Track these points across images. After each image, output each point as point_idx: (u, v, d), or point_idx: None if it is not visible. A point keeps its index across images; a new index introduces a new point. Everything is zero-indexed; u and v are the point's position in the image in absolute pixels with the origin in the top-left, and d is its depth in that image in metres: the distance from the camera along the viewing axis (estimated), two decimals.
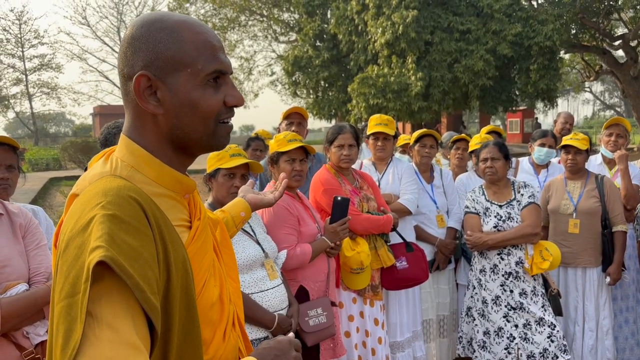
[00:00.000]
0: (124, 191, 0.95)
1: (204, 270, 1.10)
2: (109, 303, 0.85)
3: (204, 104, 1.04)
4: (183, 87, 1.03)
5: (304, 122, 4.02)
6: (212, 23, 27.99)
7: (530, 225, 3.45)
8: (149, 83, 1.02)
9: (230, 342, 1.16)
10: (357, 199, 3.29)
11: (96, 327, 0.83)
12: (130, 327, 0.85)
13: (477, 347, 3.58)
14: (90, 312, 0.84)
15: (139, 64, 1.02)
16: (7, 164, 2.22)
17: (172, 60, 1.02)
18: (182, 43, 1.03)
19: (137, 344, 0.85)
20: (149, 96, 1.03)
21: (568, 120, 5.34)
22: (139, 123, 1.07)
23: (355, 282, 3.19)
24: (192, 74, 1.03)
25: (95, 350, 0.81)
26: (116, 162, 1.06)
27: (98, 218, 0.90)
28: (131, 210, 0.93)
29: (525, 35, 18.36)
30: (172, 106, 1.03)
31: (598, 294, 3.72)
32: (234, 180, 2.48)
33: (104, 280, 0.86)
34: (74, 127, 57.65)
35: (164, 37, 1.02)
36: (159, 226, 0.97)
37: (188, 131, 1.06)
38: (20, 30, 42.25)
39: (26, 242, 2.01)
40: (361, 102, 19.06)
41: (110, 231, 0.88)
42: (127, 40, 1.04)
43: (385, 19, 18.91)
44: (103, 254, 0.84)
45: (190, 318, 1.00)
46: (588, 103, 65.90)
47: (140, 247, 0.90)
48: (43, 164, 23.04)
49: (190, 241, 1.08)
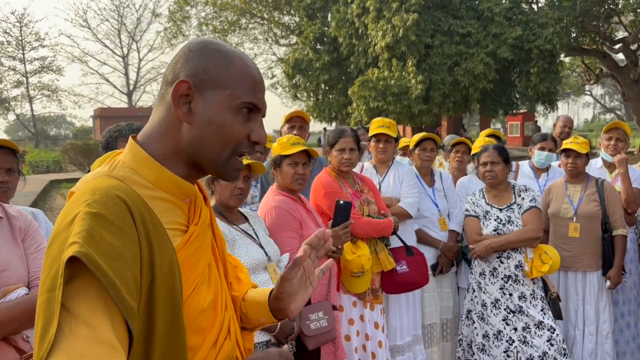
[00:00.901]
0: (112, 191, 0.96)
1: (195, 276, 1.09)
2: (87, 300, 0.86)
3: (230, 127, 1.07)
4: (218, 105, 1.06)
5: (305, 126, 4.02)
6: (212, 26, 28.06)
7: (533, 229, 3.46)
8: (188, 92, 1.05)
9: (224, 350, 1.15)
10: (358, 202, 3.29)
11: (73, 324, 0.84)
12: (108, 326, 0.86)
13: (476, 350, 3.58)
14: (68, 308, 0.84)
15: (184, 72, 1.07)
16: (6, 167, 2.22)
17: (217, 78, 1.06)
18: (231, 67, 1.08)
19: (114, 343, 0.85)
20: (184, 104, 1.06)
21: (567, 123, 5.34)
22: (164, 128, 1.09)
23: (355, 285, 3.19)
24: (230, 97, 1.07)
25: (70, 346, 0.82)
26: (117, 163, 1.08)
27: (81, 215, 0.91)
28: (116, 210, 0.94)
29: (526, 38, 18.39)
30: (200, 119, 1.06)
31: (598, 297, 3.72)
32: (236, 182, 2.48)
33: (82, 277, 0.86)
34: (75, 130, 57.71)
35: (216, 56, 1.07)
36: (145, 228, 0.97)
37: (205, 148, 1.08)
38: (21, 32, 42.37)
39: (26, 245, 2.00)
40: (361, 105, 19.08)
41: (89, 228, 0.89)
42: (183, 51, 1.10)
43: (386, 22, 18.95)
44: (77, 249, 0.85)
45: (175, 322, 0.99)
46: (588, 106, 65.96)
47: (121, 247, 0.91)
48: (43, 166, 23.05)
49: (182, 245, 1.07)
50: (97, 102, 50.17)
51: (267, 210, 2.84)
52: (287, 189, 2.93)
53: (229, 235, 2.44)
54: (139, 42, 58.15)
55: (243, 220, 2.63)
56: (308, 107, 23.93)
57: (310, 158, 2.96)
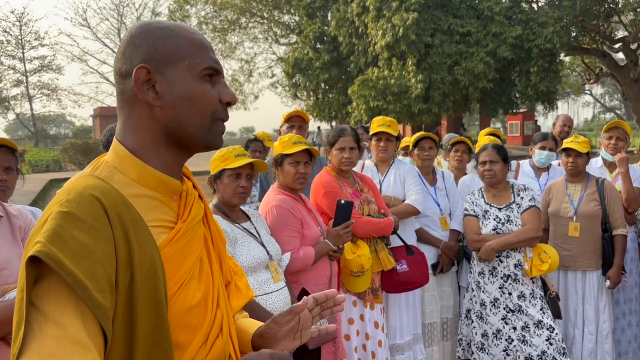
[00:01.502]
0: (87, 190, 0.96)
1: (182, 273, 1.07)
2: (56, 299, 0.86)
3: (202, 96, 1.07)
4: (181, 79, 1.06)
5: (304, 125, 4.02)
6: (212, 25, 28.05)
7: (532, 229, 3.46)
8: (148, 76, 1.05)
9: (216, 348, 1.12)
10: (358, 201, 3.29)
11: (42, 323, 0.84)
12: (79, 324, 0.86)
13: (475, 349, 3.58)
14: (38, 307, 0.85)
15: (137, 59, 1.06)
16: (5, 166, 2.22)
17: (170, 53, 1.06)
18: (179, 39, 1.07)
19: (85, 342, 0.85)
20: (148, 90, 1.05)
21: (567, 122, 5.34)
22: (134, 121, 1.08)
23: (355, 285, 3.19)
24: (189, 67, 1.07)
25: (40, 345, 0.82)
26: (101, 163, 1.08)
27: (52, 215, 0.91)
28: (90, 208, 0.93)
29: (526, 37, 18.39)
30: (170, 98, 1.06)
31: (598, 297, 3.72)
32: (239, 180, 2.48)
33: (51, 276, 0.87)
34: (74, 129, 57.67)
35: (161, 34, 1.07)
36: (123, 226, 0.97)
37: (185, 124, 1.07)
38: (20, 31, 42.36)
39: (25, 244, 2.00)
40: (361, 104, 19.08)
41: (57, 227, 0.89)
42: (126, 40, 1.09)
43: (386, 21, 18.95)
44: (38, 249, 0.86)
45: (159, 320, 0.98)
46: (588, 106, 65.96)
47: (92, 245, 0.90)
48: (43, 165, 23.03)
49: (167, 242, 1.06)
50: (97, 101, 50.23)
51: (268, 209, 2.83)
52: (289, 188, 2.92)
53: (231, 233, 2.44)
54: None
55: (245, 218, 2.63)
56: (308, 106, 23.93)
57: (311, 157, 2.95)
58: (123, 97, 1.09)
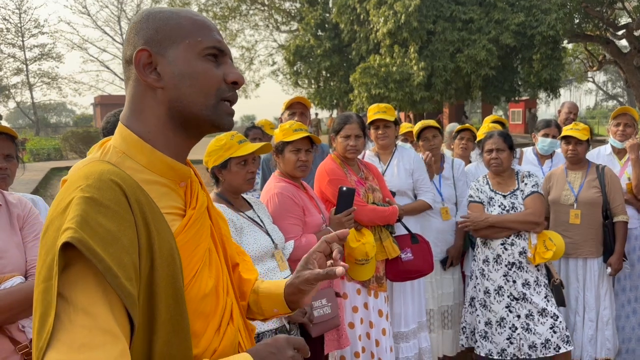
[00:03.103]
0: (106, 175, 0.94)
1: (195, 260, 1.07)
2: (85, 288, 0.84)
3: (203, 73, 1.05)
4: (182, 57, 1.04)
5: (306, 112, 3.99)
6: (213, 12, 27.86)
7: (533, 214, 3.44)
8: (150, 59, 1.04)
9: (228, 336, 1.13)
10: (363, 189, 3.26)
11: (71, 313, 0.82)
12: (108, 314, 0.84)
13: (479, 337, 3.58)
14: (66, 297, 0.82)
15: (139, 42, 1.05)
16: (5, 154, 2.20)
17: (171, 33, 1.05)
18: (181, 20, 1.06)
19: (115, 331, 0.83)
20: (150, 72, 1.04)
21: (572, 110, 5.30)
22: (139, 105, 1.07)
23: (359, 273, 3.18)
24: (191, 45, 1.05)
25: (70, 335, 0.80)
26: (108, 148, 1.06)
27: (75, 200, 0.89)
28: (111, 194, 0.92)
29: (528, 24, 18.24)
30: (171, 77, 1.04)
31: (599, 284, 3.73)
32: (247, 166, 2.46)
33: (79, 264, 0.84)
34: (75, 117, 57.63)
35: (163, 16, 1.06)
36: (142, 212, 0.95)
37: (188, 103, 1.05)
38: (20, 19, 42.20)
39: (24, 233, 1.98)
40: (363, 92, 18.99)
41: (84, 213, 0.86)
42: (130, 27, 1.09)
43: (388, 7, 18.79)
44: (70, 235, 0.83)
45: (178, 308, 0.97)
46: (591, 93, 65.64)
47: (117, 232, 0.89)
48: (44, 154, 23.02)
49: (181, 230, 1.05)
50: (98, 89, 49.93)
51: (269, 197, 2.81)
52: (290, 176, 2.90)
53: (237, 222, 2.42)
54: None
55: (248, 207, 2.61)
56: (309, 94, 23.84)
57: (313, 144, 2.92)
58: (129, 83, 1.08)
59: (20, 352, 1.86)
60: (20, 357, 1.87)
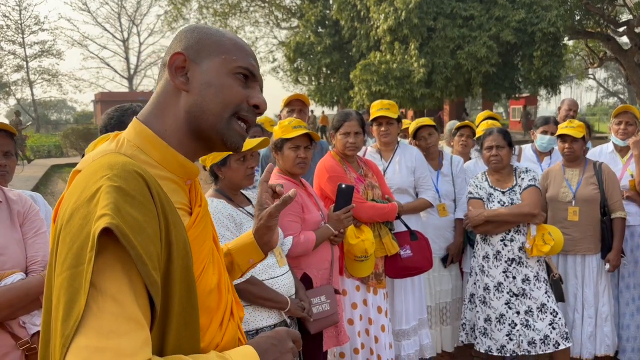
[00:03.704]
0: (129, 166, 0.96)
1: (203, 256, 1.10)
2: (113, 275, 0.85)
3: (229, 88, 1.09)
4: (215, 69, 1.09)
5: (305, 109, 3.99)
6: (213, 9, 27.83)
7: (528, 205, 3.44)
8: (184, 64, 1.09)
9: (229, 331, 1.16)
10: (362, 186, 3.27)
11: (100, 299, 0.83)
12: (133, 302, 0.85)
13: (478, 333, 3.59)
14: (94, 283, 0.83)
15: (178, 47, 1.11)
16: (4, 151, 2.20)
17: (211, 46, 1.10)
18: (223, 38, 1.12)
19: (140, 319, 0.85)
20: (180, 75, 1.09)
21: (572, 106, 5.30)
22: (161, 105, 1.11)
23: (359, 269, 3.19)
24: (226, 61, 1.10)
25: (99, 322, 0.81)
26: (122, 141, 1.07)
27: (104, 188, 0.89)
28: (136, 185, 0.93)
29: (529, 21, 18.23)
30: (198, 84, 1.08)
31: (597, 281, 3.73)
32: (247, 162, 2.47)
33: (108, 251, 0.85)
34: (76, 114, 57.60)
35: (208, 32, 1.12)
36: (162, 205, 0.97)
37: (206, 111, 1.08)
38: (20, 16, 42.07)
39: (24, 229, 1.98)
40: (363, 89, 19.00)
41: (115, 201, 0.88)
42: (174, 37, 1.15)
43: (388, 4, 18.78)
44: (109, 221, 0.84)
45: (190, 301, 0.99)
46: (591, 90, 65.54)
47: (143, 222, 0.90)
48: (45, 150, 23.01)
49: (191, 225, 1.08)
50: (98, 86, 49.90)
51: None
52: (289, 173, 2.90)
53: (237, 217, 2.42)
54: (139, 25, 57.81)
55: (247, 202, 2.61)
56: (309, 91, 23.84)
57: (312, 141, 2.93)
58: (158, 83, 1.13)
59: (21, 347, 1.87)
60: (21, 352, 1.88)
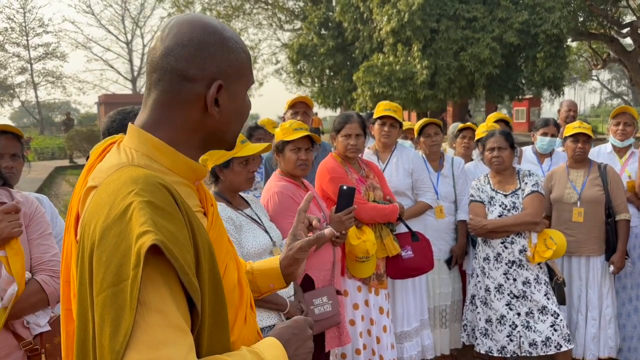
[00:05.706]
0: (151, 178, 0.96)
1: (224, 254, 1.13)
2: (155, 288, 0.87)
3: (246, 110, 1.14)
4: (240, 95, 1.11)
5: (309, 111, 4.01)
6: (216, 11, 27.88)
7: (531, 214, 3.45)
8: (219, 93, 1.07)
9: (251, 324, 1.19)
10: (364, 187, 3.28)
11: (145, 313, 0.85)
12: (176, 311, 0.88)
13: (479, 334, 3.59)
14: (139, 298, 0.85)
15: (212, 69, 1.05)
16: (11, 153, 2.23)
17: (238, 69, 1.09)
18: (243, 54, 1.11)
19: (183, 327, 0.88)
20: (215, 104, 1.07)
21: (572, 107, 5.34)
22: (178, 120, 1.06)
23: (360, 270, 3.20)
24: (246, 83, 1.12)
25: (148, 336, 0.83)
26: (130, 152, 1.05)
27: (136, 205, 0.90)
28: (163, 197, 0.94)
29: (532, 23, 18.20)
30: (228, 112, 1.09)
31: (601, 282, 3.73)
32: (249, 166, 2.49)
33: (148, 266, 0.87)
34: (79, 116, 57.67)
35: (233, 46, 1.08)
36: (186, 211, 0.98)
37: (229, 133, 1.13)
38: (24, 18, 42.24)
39: (30, 231, 2.00)
40: (366, 91, 19.00)
41: (152, 217, 0.89)
42: (197, 44, 1.04)
43: (391, 6, 18.78)
44: (154, 237, 0.86)
45: (217, 300, 1.01)
46: (595, 91, 65.35)
47: (176, 232, 0.92)
48: (49, 153, 23.07)
49: (210, 226, 1.11)
50: (102, 88, 50.03)
51: (269, 196, 2.83)
52: (290, 175, 2.92)
53: (236, 220, 2.44)
54: (142, 28, 57.94)
55: (245, 205, 2.63)
56: (313, 93, 23.85)
57: (313, 143, 2.95)
58: (173, 96, 1.05)
59: (23, 348, 1.89)
60: (23, 353, 1.90)
